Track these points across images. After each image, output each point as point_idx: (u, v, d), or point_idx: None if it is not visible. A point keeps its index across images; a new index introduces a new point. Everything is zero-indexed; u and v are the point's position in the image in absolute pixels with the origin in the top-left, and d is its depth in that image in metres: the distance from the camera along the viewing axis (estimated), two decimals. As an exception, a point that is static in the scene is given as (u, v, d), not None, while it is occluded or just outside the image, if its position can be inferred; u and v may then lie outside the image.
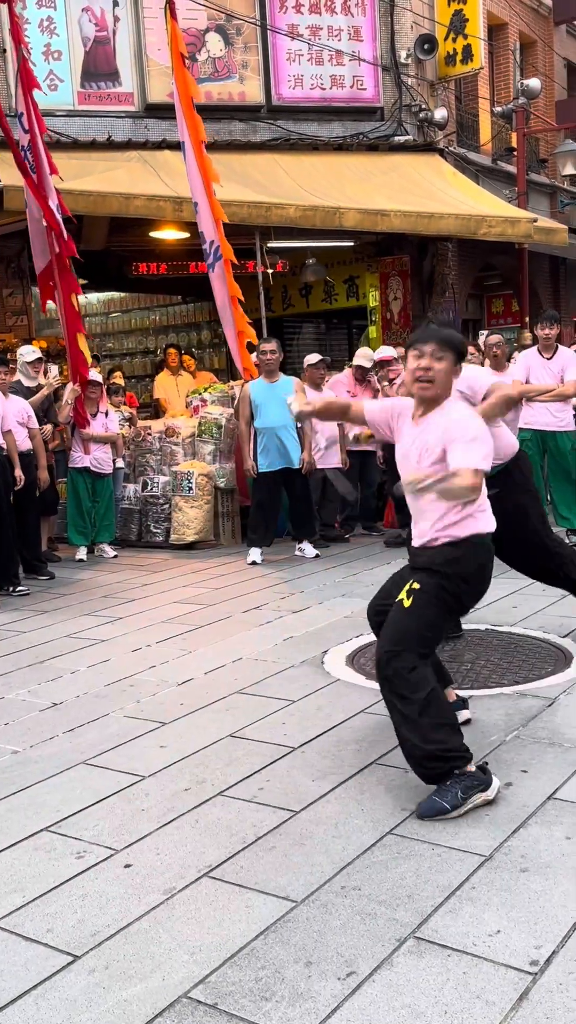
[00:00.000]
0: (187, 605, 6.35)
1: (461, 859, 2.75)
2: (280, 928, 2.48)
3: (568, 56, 18.48)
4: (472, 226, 11.38)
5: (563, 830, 2.88)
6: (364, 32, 12.82)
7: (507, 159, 15.77)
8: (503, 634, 5.16)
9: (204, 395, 9.36)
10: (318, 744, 3.72)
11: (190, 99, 8.06)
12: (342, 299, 14.18)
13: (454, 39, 13.36)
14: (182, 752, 3.72)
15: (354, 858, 2.81)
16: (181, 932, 2.50)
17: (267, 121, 12.48)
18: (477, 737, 3.66)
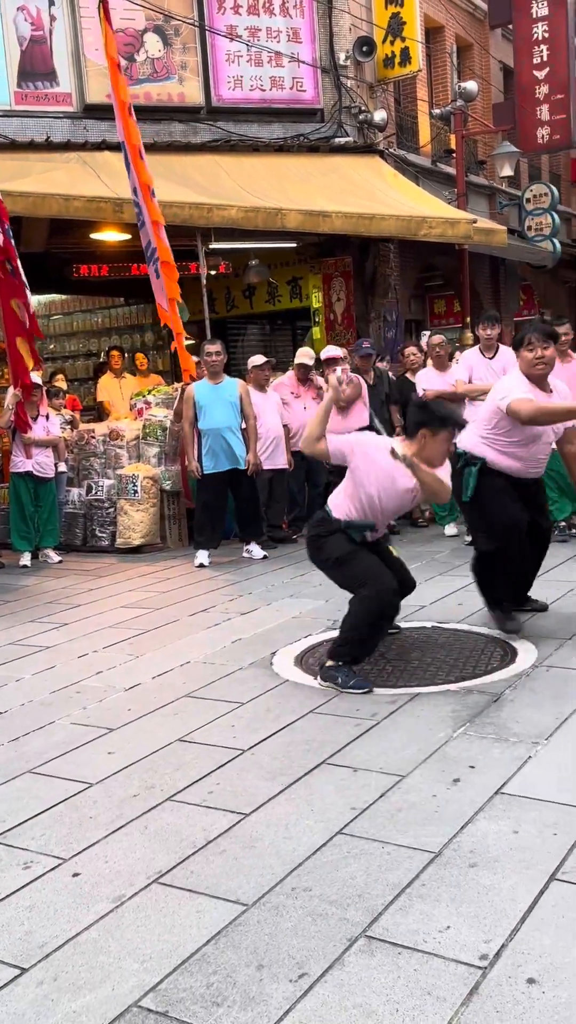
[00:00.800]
0: (134, 609, 6.29)
1: (411, 856, 2.77)
2: (231, 932, 2.47)
3: (504, 59, 18.72)
4: (413, 227, 11.48)
5: (510, 824, 2.91)
6: (303, 34, 12.86)
7: (446, 161, 15.95)
8: (449, 631, 5.20)
9: (148, 397, 9.30)
10: (268, 746, 3.71)
11: (123, 102, 7.99)
12: (285, 300, 14.21)
13: (392, 42, 13.46)
14: (130, 758, 3.68)
15: (305, 859, 2.80)
16: (131, 940, 2.47)
17: (207, 122, 12.45)
18: (424, 734, 3.68)
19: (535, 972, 2.20)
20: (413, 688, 4.26)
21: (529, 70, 17.84)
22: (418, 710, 3.97)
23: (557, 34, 17.41)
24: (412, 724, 3.82)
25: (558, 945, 2.29)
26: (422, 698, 4.12)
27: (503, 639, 4.93)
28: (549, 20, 17.41)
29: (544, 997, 2.11)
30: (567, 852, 2.72)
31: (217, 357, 7.76)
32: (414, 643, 5.00)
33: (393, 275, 14.05)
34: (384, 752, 3.55)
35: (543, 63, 17.66)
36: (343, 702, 4.16)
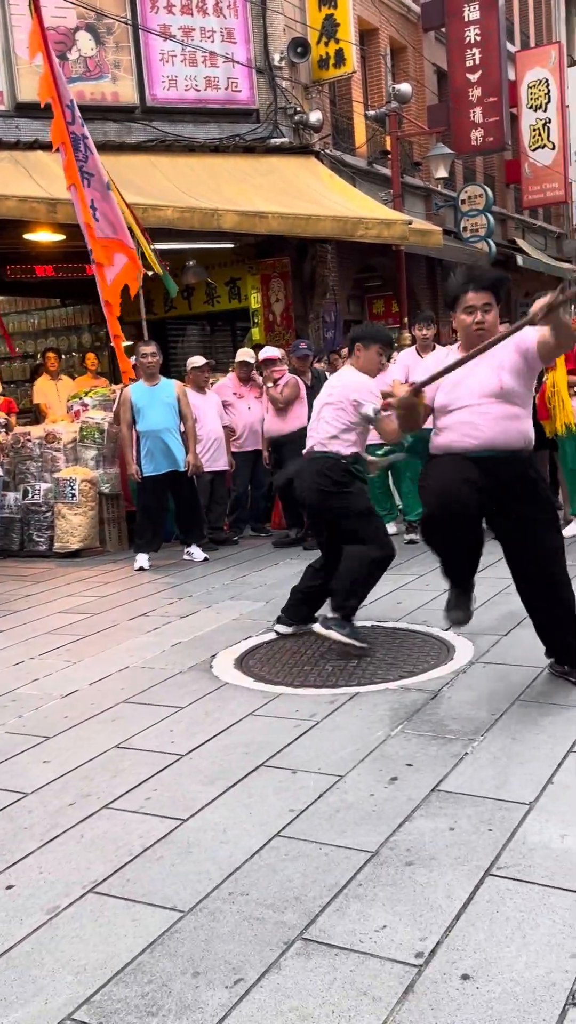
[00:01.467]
0: (72, 615, 6.22)
1: (348, 857, 2.77)
2: (167, 940, 2.44)
3: (437, 62, 18.92)
4: (349, 228, 11.53)
5: (447, 821, 2.93)
6: (237, 34, 12.84)
7: (382, 162, 16.06)
8: (388, 629, 5.23)
9: (85, 399, 9.19)
10: (206, 750, 3.69)
11: (57, 99, 7.88)
12: (224, 301, 14.17)
13: (326, 43, 13.52)
14: (66, 766, 3.63)
15: (242, 863, 2.79)
16: (65, 952, 2.43)
17: (142, 122, 12.36)
18: (363, 733, 3.70)
19: (469, 968, 2.21)
20: (352, 687, 4.27)
21: (462, 73, 18.08)
22: (357, 710, 3.99)
23: (489, 38, 17.68)
24: (351, 724, 3.83)
25: (492, 940, 2.31)
26: (361, 697, 4.13)
27: (441, 637, 4.97)
28: (481, 24, 17.67)
29: (478, 992, 2.13)
30: (502, 847, 2.75)
31: (153, 359, 7.71)
32: (353, 643, 5.01)
33: (331, 276, 14.10)
34: (323, 753, 3.55)
35: (476, 66, 17.91)
36: (282, 704, 4.15)
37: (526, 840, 2.78)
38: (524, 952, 2.26)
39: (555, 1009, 2.05)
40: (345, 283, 15.13)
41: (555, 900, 2.46)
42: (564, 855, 2.68)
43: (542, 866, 2.63)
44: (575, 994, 2.10)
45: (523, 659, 4.46)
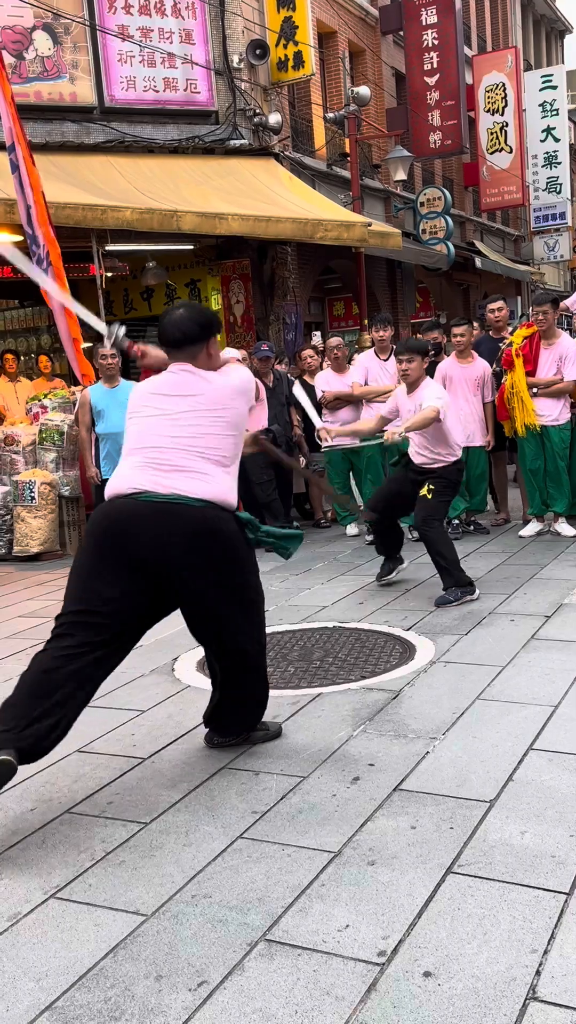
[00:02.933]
0: (33, 619, 6.16)
1: (311, 857, 2.78)
2: (130, 944, 2.43)
3: (395, 65, 19.05)
4: (309, 230, 11.56)
5: (408, 820, 2.96)
6: (195, 35, 12.82)
7: (341, 164, 16.13)
8: (350, 630, 5.25)
9: (44, 401, 9.12)
10: (168, 753, 3.68)
11: (11, 100, 7.81)
12: (184, 302, 14.13)
13: (285, 45, 13.56)
14: (27, 772, 3.59)
15: (204, 865, 2.79)
16: (27, 958, 2.41)
17: (100, 123, 12.30)
18: (325, 734, 3.71)
19: (431, 965, 2.23)
20: (315, 688, 4.29)
21: (420, 76, 18.24)
22: (319, 710, 4.00)
23: (446, 41, 17.85)
24: (313, 725, 3.84)
25: (453, 937, 2.33)
26: (323, 698, 4.15)
27: (403, 637, 5.00)
28: (438, 27, 17.84)
29: (440, 989, 2.15)
30: (463, 845, 2.77)
31: (112, 360, 7.67)
32: (316, 643, 5.03)
33: (291, 277, 14.14)
34: (285, 754, 3.56)
35: (433, 69, 18.08)
36: (244, 705, 4.15)
37: (487, 838, 2.81)
38: (485, 948, 2.28)
39: (516, 1004, 2.08)
40: (305, 285, 15.18)
41: (515, 896, 2.49)
42: (524, 851, 2.71)
43: (502, 863, 2.66)
44: (535, 988, 2.12)
45: (483, 658, 4.51)
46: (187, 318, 3.42)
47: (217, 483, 3.30)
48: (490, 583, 6.00)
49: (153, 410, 3.35)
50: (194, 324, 3.41)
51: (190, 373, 3.38)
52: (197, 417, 3.31)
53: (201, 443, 3.30)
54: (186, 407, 3.32)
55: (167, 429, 3.29)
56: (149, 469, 3.25)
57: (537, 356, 7.31)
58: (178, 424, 3.30)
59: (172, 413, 3.32)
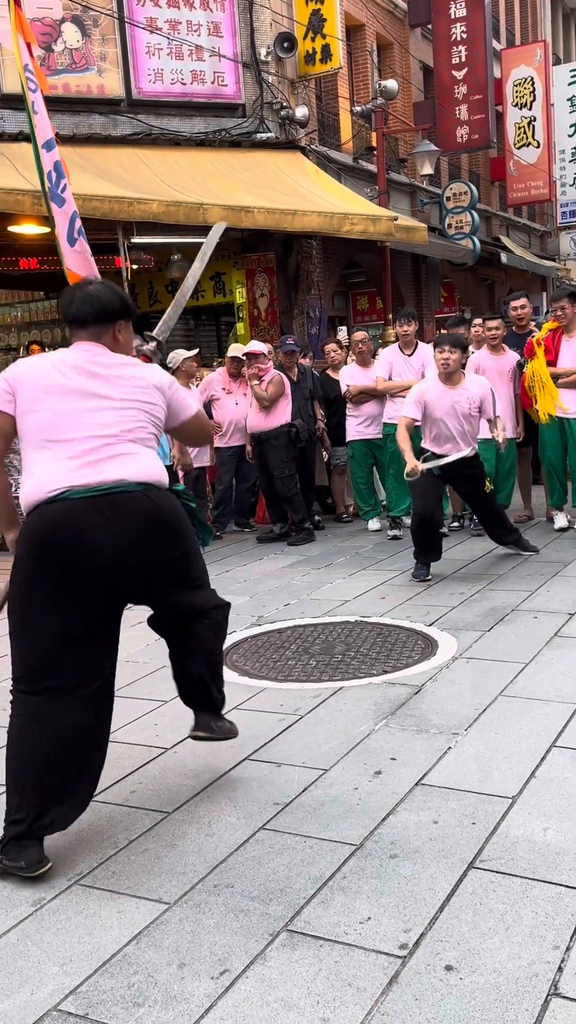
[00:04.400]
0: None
1: (333, 850, 2.79)
2: (153, 931, 2.45)
3: (423, 59, 18.94)
4: (335, 223, 11.53)
5: (430, 815, 2.96)
6: (224, 28, 12.81)
7: (367, 158, 16.07)
8: (372, 625, 5.25)
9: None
10: (190, 744, 3.69)
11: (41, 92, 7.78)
12: (209, 295, 14.16)
13: (313, 38, 13.51)
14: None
15: (227, 856, 2.81)
16: (51, 944, 2.44)
17: (127, 115, 12.31)
18: (347, 727, 3.71)
19: (453, 959, 2.24)
20: (336, 682, 4.29)
21: (448, 70, 18.13)
22: (341, 704, 4.01)
23: (475, 35, 17.72)
24: (335, 718, 3.85)
25: (475, 932, 2.34)
26: (345, 692, 4.15)
27: (425, 633, 5.00)
28: (467, 21, 17.71)
29: (462, 983, 2.15)
30: (485, 840, 2.77)
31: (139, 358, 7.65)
32: (338, 637, 5.04)
33: (316, 271, 14.11)
34: (307, 747, 3.57)
35: (462, 63, 17.96)
36: (267, 698, 4.17)
37: (509, 833, 2.81)
38: (507, 943, 2.28)
39: (538, 999, 2.08)
40: (330, 279, 15.14)
41: (537, 892, 2.49)
42: (546, 848, 2.70)
43: (525, 859, 2.66)
44: (557, 985, 2.12)
45: (506, 655, 4.50)
46: (102, 293, 3.04)
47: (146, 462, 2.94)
48: (513, 579, 5.98)
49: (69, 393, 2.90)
50: (110, 301, 3.02)
51: (103, 352, 3.00)
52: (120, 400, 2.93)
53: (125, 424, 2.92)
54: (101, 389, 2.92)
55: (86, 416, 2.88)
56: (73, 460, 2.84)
57: (559, 348, 7.30)
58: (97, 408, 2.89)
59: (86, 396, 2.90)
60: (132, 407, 2.95)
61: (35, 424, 2.88)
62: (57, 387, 2.89)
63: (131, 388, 2.96)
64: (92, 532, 2.77)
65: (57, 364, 2.94)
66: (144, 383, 3.00)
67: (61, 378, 2.90)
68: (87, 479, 2.81)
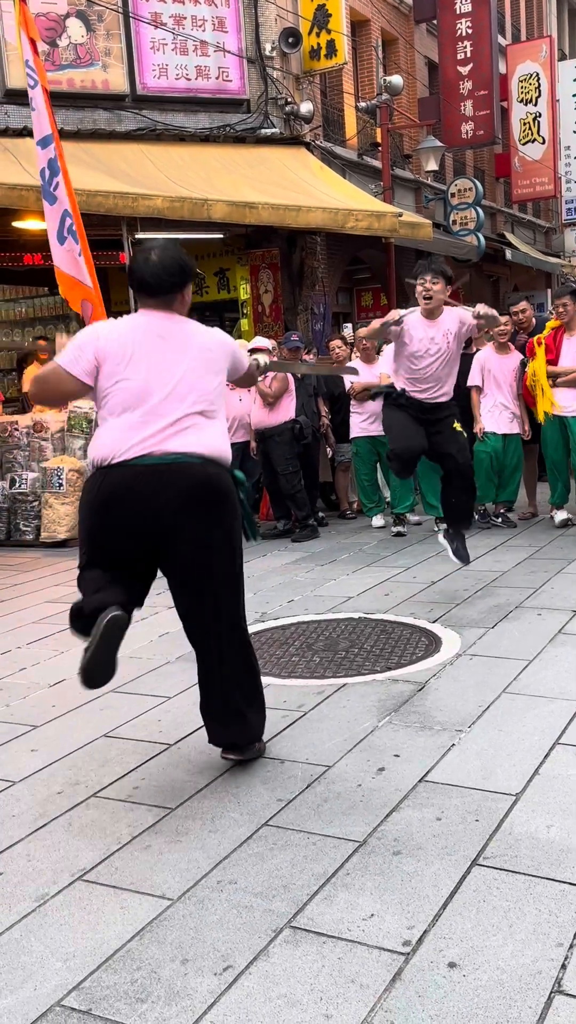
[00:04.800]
0: (59, 604, 6.20)
1: (336, 846, 2.79)
2: (156, 927, 2.45)
3: (428, 54, 18.90)
4: (339, 219, 11.52)
5: (434, 811, 2.95)
6: (228, 23, 12.78)
7: (372, 154, 16.04)
8: (376, 621, 5.25)
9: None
10: (194, 739, 3.70)
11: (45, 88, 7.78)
12: (213, 291, 14.14)
13: (318, 34, 13.48)
14: (54, 755, 3.64)
15: (230, 851, 2.80)
16: (54, 939, 2.44)
17: (132, 110, 12.30)
18: (351, 724, 3.71)
19: (456, 956, 2.23)
20: (340, 679, 4.29)
21: (453, 66, 18.08)
22: (345, 700, 4.00)
23: (480, 31, 17.67)
24: (338, 715, 3.85)
25: (478, 929, 2.33)
26: (349, 688, 4.15)
27: (428, 629, 4.99)
28: (472, 16, 17.66)
29: (465, 980, 2.15)
30: (488, 837, 2.77)
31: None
32: (342, 633, 5.03)
33: (320, 267, 14.09)
34: (311, 743, 3.57)
35: (467, 59, 17.91)
36: (270, 694, 4.15)
37: (512, 831, 2.80)
38: (510, 941, 2.28)
39: (541, 997, 2.08)
40: (334, 275, 15.12)
41: (541, 890, 2.48)
42: (550, 845, 2.70)
43: (528, 856, 2.65)
44: (561, 982, 2.12)
45: (510, 652, 4.49)
46: (171, 260, 3.18)
47: (214, 436, 3.17)
48: (517, 576, 5.98)
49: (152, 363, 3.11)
50: (178, 266, 3.19)
51: (177, 321, 3.21)
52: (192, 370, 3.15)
53: (202, 393, 3.15)
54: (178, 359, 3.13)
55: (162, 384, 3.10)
56: (145, 429, 3.07)
57: (560, 347, 7.30)
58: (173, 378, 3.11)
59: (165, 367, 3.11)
60: (205, 375, 3.17)
61: (116, 391, 3.09)
62: (137, 358, 3.09)
63: (203, 356, 3.18)
64: (150, 497, 3.04)
65: (136, 333, 3.14)
66: (213, 349, 3.23)
67: (140, 349, 3.11)
68: (155, 447, 3.05)
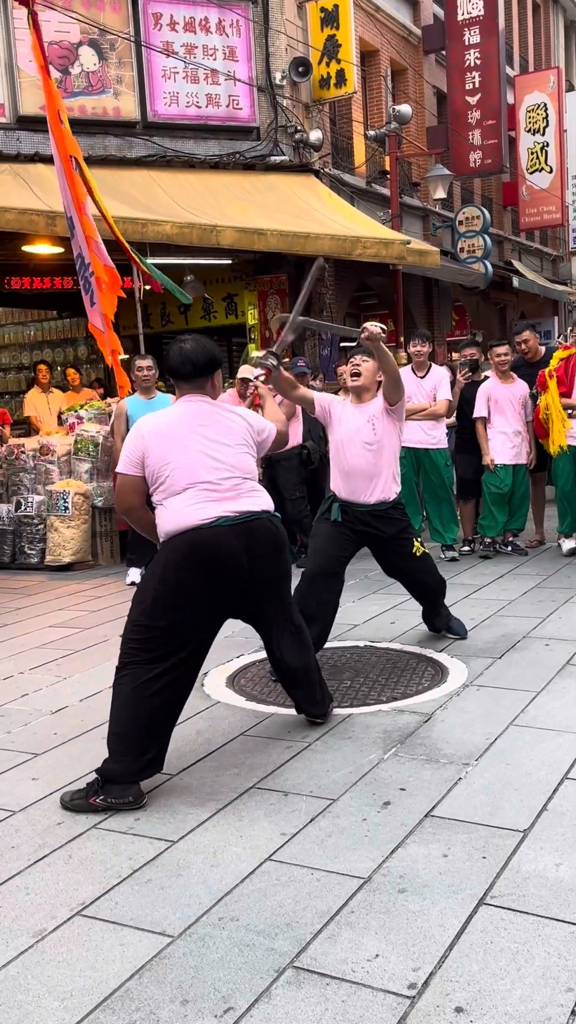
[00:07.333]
0: (63, 629, 6.17)
1: (340, 883, 2.73)
2: (156, 966, 2.40)
3: (437, 84, 19.05)
4: (347, 247, 11.55)
5: (440, 848, 2.90)
6: (239, 52, 12.90)
7: (381, 182, 16.13)
8: (381, 650, 5.20)
9: (80, 412, 9.17)
10: (197, 770, 3.66)
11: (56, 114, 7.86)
12: (221, 316, 14.19)
13: (328, 63, 13.60)
14: (55, 784, 3.59)
15: (232, 887, 2.75)
16: (52, 977, 2.39)
17: (143, 137, 12.40)
18: (355, 756, 3.66)
19: (463, 1001, 2.18)
20: (345, 709, 4.24)
21: (462, 96, 18.23)
22: (349, 731, 3.95)
23: (489, 62, 17.83)
24: (343, 746, 3.80)
25: (486, 972, 2.28)
26: (354, 719, 4.10)
27: (435, 659, 4.94)
28: (481, 48, 17.83)
29: (472, 1026, 2.09)
30: (495, 876, 2.72)
31: (148, 372, 7.70)
32: (347, 663, 4.98)
33: (328, 294, 14.13)
34: (315, 775, 3.52)
35: (475, 89, 18.06)
36: (275, 724, 4.12)
37: (520, 869, 2.75)
38: (519, 985, 2.22)
39: (550, 1045, 2.02)
40: (342, 301, 15.16)
41: (550, 931, 2.43)
42: (558, 885, 2.65)
43: (536, 896, 2.60)
44: (570, 1029, 2.06)
45: (517, 683, 4.44)
46: (200, 350, 3.61)
47: (265, 496, 3.67)
48: (524, 606, 5.93)
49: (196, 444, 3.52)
50: (207, 356, 3.61)
51: (211, 404, 3.64)
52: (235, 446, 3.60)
53: (244, 466, 3.61)
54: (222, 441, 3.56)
55: (214, 461, 3.52)
56: (214, 496, 3.49)
57: (573, 377, 7.27)
58: (221, 455, 3.54)
59: (210, 447, 3.53)
60: (244, 450, 3.63)
61: (172, 474, 3.48)
62: (184, 441, 3.50)
63: (239, 433, 3.63)
64: (236, 551, 3.46)
65: (177, 420, 3.56)
66: (243, 428, 3.67)
67: (185, 432, 3.52)
68: (231, 509, 3.48)
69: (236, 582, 3.53)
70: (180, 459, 3.48)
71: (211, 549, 3.44)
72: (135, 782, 3.37)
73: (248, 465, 3.65)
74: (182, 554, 3.45)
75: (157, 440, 3.52)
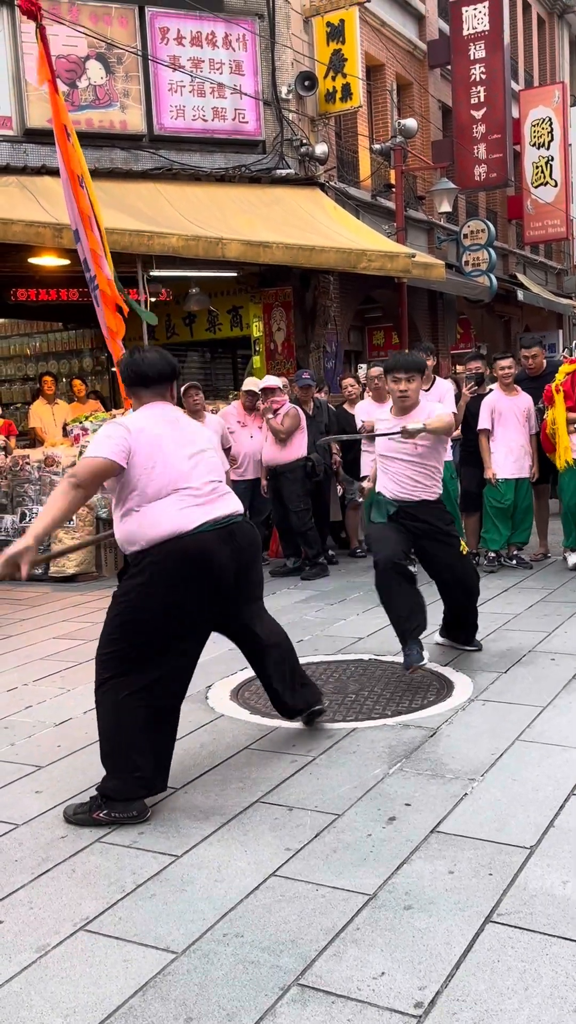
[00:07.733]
0: (67, 640, 6.16)
1: (345, 899, 2.71)
2: (159, 982, 2.38)
3: (442, 98, 19.12)
4: (352, 260, 11.58)
5: (446, 864, 2.88)
6: (245, 67, 12.96)
7: (386, 195, 16.17)
8: (386, 664, 5.18)
9: (85, 424, 9.18)
10: (201, 783, 3.64)
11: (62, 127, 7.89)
12: (226, 328, 14.22)
13: (333, 77, 13.65)
14: (59, 797, 3.57)
15: (237, 903, 2.73)
16: (54, 993, 2.37)
17: (149, 150, 12.45)
18: (360, 771, 3.64)
19: (470, 1020, 2.15)
20: (350, 723, 4.22)
21: (467, 110, 18.29)
22: (355, 746, 3.93)
23: (494, 76, 17.90)
24: (348, 761, 3.78)
25: (493, 991, 2.25)
26: (359, 733, 4.08)
27: (440, 673, 4.92)
28: (486, 62, 17.90)
29: (479, 1046, 2.07)
30: (502, 893, 2.69)
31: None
32: (351, 676, 4.97)
33: (333, 306, 14.15)
34: (320, 790, 3.50)
35: (480, 103, 18.12)
36: (279, 738, 4.10)
37: (527, 886, 2.73)
38: (526, 1004, 2.20)
39: (558, 1065, 2.00)
40: (346, 314, 15.19)
41: (557, 950, 2.41)
42: (566, 902, 2.62)
43: (544, 913, 2.57)
44: (579, 1050, 2.04)
45: (523, 698, 4.42)
46: (164, 358, 3.65)
47: (235, 496, 3.72)
48: (530, 619, 5.91)
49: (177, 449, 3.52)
50: (170, 364, 3.65)
51: (177, 410, 3.73)
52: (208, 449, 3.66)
53: (217, 469, 3.67)
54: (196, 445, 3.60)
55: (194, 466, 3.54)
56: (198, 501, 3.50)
57: None
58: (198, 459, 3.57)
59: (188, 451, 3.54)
60: (213, 453, 3.68)
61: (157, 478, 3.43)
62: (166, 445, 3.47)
63: (205, 438, 3.72)
64: (224, 554, 3.50)
65: (156, 424, 3.51)
66: (207, 433, 3.82)
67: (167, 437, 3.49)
68: (213, 514, 3.50)
69: (225, 585, 3.55)
70: (163, 463, 3.44)
71: (203, 555, 3.44)
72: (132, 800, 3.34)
73: (219, 467, 3.70)
74: (173, 562, 3.41)
75: (145, 441, 3.44)
